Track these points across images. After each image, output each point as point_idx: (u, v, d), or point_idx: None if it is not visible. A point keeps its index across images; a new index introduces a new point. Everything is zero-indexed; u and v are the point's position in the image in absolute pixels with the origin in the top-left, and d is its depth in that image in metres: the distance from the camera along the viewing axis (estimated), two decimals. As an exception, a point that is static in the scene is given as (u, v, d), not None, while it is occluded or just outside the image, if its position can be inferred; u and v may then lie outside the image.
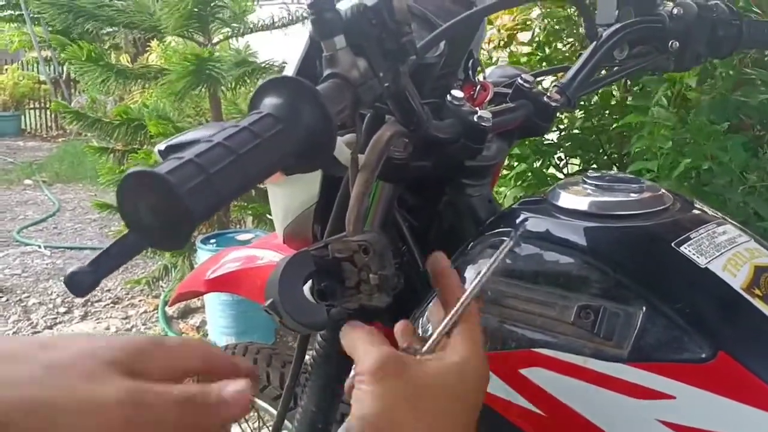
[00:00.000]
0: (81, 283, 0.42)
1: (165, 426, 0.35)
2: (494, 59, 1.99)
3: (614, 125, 1.67)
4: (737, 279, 0.55)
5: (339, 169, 0.70)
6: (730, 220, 0.64)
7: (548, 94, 0.76)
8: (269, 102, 0.43)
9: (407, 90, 0.58)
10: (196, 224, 0.34)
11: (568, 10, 1.81)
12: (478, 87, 0.80)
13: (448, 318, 0.50)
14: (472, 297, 0.51)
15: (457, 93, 0.69)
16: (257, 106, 0.43)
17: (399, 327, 0.54)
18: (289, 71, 0.75)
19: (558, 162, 1.91)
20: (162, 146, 0.69)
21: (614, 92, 1.78)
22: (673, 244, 0.57)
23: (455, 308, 0.50)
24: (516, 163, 1.80)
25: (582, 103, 1.78)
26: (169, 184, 0.33)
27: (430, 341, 0.49)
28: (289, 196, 0.86)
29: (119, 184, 0.34)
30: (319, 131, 0.43)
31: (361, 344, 0.48)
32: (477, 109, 0.69)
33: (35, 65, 9.60)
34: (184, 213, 0.33)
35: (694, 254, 0.56)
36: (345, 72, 0.49)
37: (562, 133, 1.87)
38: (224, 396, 0.38)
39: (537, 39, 1.90)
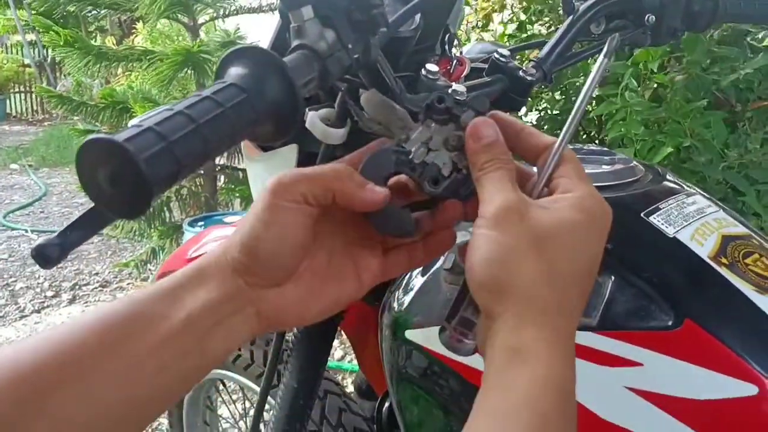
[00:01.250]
0: (49, 255, 0.42)
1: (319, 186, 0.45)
2: (472, 40, 1.98)
3: (590, 111, 1.67)
4: (704, 248, 0.56)
5: (313, 143, 0.70)
6: (700, 191, 0.65)
7: (524, 68, 0.76)
8: (234, 72, 0.43)
9: (379, 62, 0.58)
10: (155, 193, 0.34)
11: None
12: (455, 62, 0.80)
13: (551, 157, 0.46)
14: (573, 127, 0.47)
15: (432, 67, 0.69)
16: (221, 75, 0.43)
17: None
18: (264, 45, 0.75)
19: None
20: (135, 121, 0.69)
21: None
22: (642, 215, 0.58)
23: (557, 144, 0.47)
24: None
25: (562, 86, 1.78)
26: (127, 152, 0.33)
27: (537, 186, 0.46)
28: (266, 172, 0.86)
29: (77, 152, 0.34)
30: (284, 102, 0.43)
31: (490, 184, 0.45)
32: (452, 83, 0.69)
33: (20, 49, 9.48)
34: (143, 181, 0.33)
35: (662, 224, 0.57)
36: (312, 43, 0.49)
37: (542, 114, 1.87)
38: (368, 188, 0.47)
39: (515, 19, 1.89)
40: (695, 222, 0.58)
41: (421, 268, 0.70)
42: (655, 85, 1.59)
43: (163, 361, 0.42)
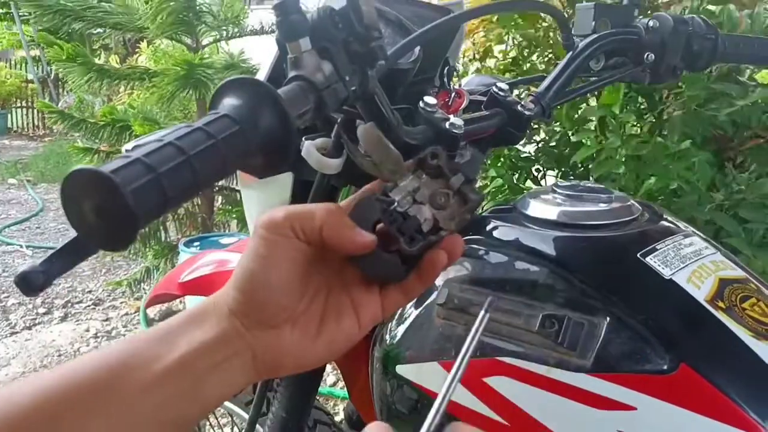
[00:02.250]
0: (32, 283, 0.41)
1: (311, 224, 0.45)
2: (469, 72, 1.99)
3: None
4: (701, 291, 0.55)
5: (309, 172, 0.69)
6: (697, 232, 0.64)
7: (522, 102, 0.76)
8: (228, 103, 0.42)
9: (376, 94, 0.58)
10: (140, 225, 0.33)
11: (542, 22, 1.81)
12: (453, 94, 0.79)
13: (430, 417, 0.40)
14: (452, 389, 0.42)
15: (430, 99, 0.68)
16: (215, 106, 0.43)
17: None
18: (262, 74, 0.75)
19: (536, 174, 1.91)
20: (130, 146, 0.68)
21: (585, 104, 1.78)
22: (638, 255, 0.57)
23: (437, 403, 0.41)
24: (491, 178, 1.80)
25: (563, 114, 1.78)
26: (113, 184, 0.32)
27: None
28: (262, 198, 0.85)
29: (63, 182, 0.33)
30: (278, 134, 0.43)
31: None
32: (450, 116, 0.69)
33: (23, 64, 9.53)
34: (128, 213, 0.33)
35: (659, 265, 0.56)
36: (309, 75, 0.49)
37: (539, 145, 1.88)
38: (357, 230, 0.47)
39: (511, 54, 1.90)
40: (692, 264, 0.58)
41: (414, 301, 0.69)
42: (653, 120, 1.60)
43: (157, 402, 0.41)
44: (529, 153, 1.86)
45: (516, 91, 0.90)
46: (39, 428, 0.39)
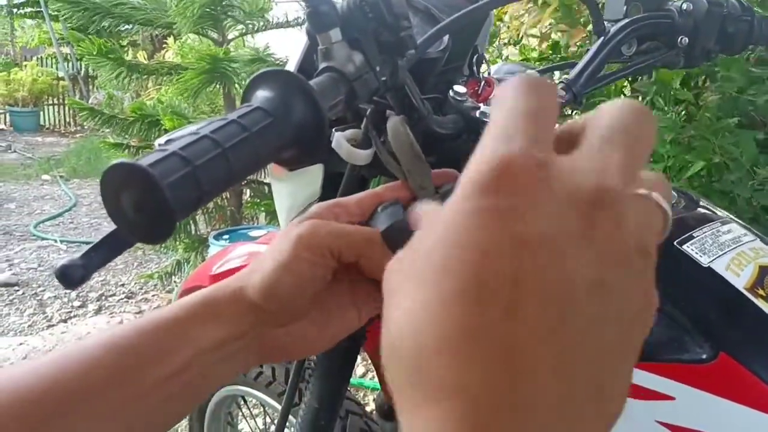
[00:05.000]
0: (72, 276, 0.42)
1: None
2: (504, 56, 1.96)
3: None
4: (741, 279, 0.54)
5: (339, 164, 0.69)
6: (735, 219, 0.63)
7: (554, 90, 0.75)
8: (260, 95, 0.42)
9: (406, 84, 0.58)
10: (177, 218, 0.34)
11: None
12: (483, 83, 0.79)
13: None
14: None
15: (460, 88, 0.68)
16: (248, 99, 0.43)
17: None
18: (291, 66, 0.75)
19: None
20: (162, 140, 0.69)
21: (624, 91, 1.75)
22: (675, 243, 0.56)
23: None
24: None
25: (594, 101, 1.75)
26: (150, 177, 0.33)
27: None
28: (292, 191, 0.86)
29: (102, 176, 0.34)
30: (310, 125, 0.43)
31: None
32: (480, 104, 0.68)
33: (54, 62, 9.70)
34: (166, 206, 0.33)
35: (696, 253, 0.55)
36: (340, 66, 0.49)
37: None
38: None
39: (549, 35, 1.87)
40: (731, 251, 0.56)
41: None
42: (687, 104, 1.57)
43: (167, 393, 0.43)
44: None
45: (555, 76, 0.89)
46: (51, 410, 0.39)
